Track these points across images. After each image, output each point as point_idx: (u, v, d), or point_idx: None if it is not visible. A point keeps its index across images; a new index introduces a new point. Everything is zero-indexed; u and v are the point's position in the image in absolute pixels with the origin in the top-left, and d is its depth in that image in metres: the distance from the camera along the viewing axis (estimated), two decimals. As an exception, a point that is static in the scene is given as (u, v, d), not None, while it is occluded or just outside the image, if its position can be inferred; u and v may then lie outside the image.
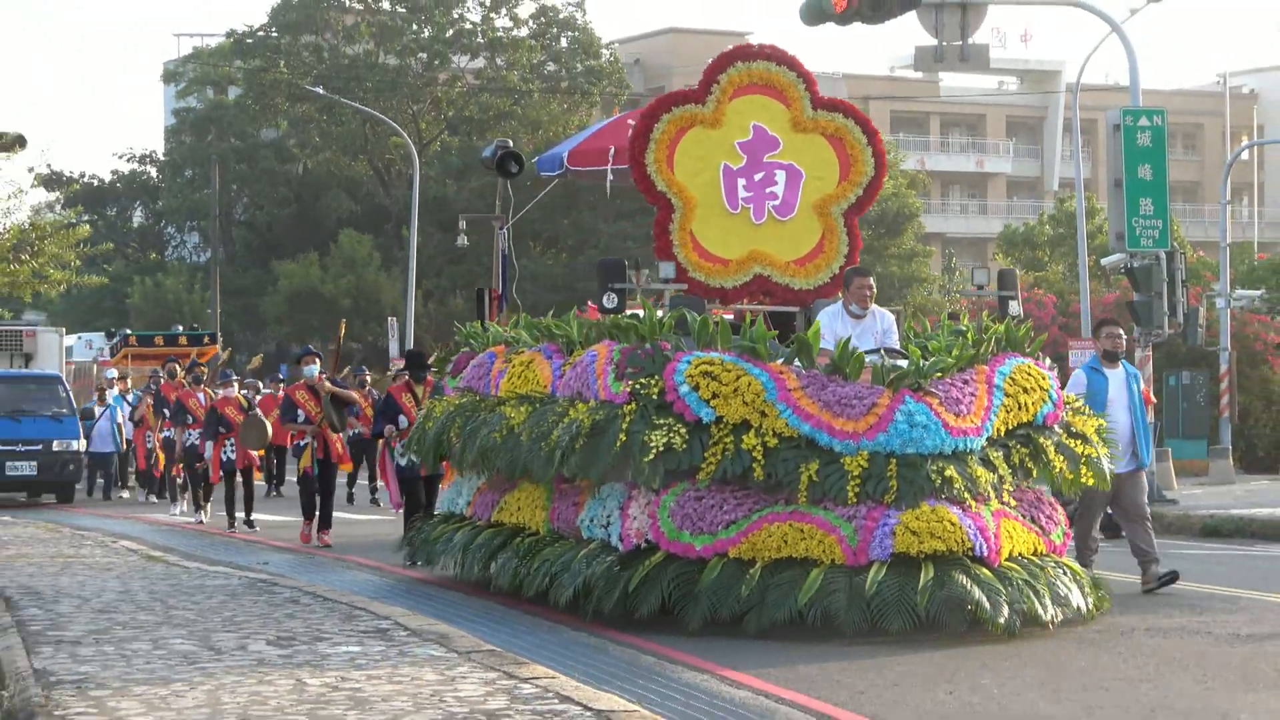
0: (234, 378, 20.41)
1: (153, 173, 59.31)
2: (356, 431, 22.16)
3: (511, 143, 19.20)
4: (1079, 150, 34.23)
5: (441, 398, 13.35)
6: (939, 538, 9.65)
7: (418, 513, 14.65)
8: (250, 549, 16.40)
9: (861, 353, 10.51)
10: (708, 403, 10.05)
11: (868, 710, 7.80)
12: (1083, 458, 10.69)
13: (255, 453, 18.92)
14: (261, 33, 53.59)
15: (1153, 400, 17.61)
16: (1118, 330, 12.64)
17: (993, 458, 10.20)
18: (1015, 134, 73.38)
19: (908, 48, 58.31)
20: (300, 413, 16.66)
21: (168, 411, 21.82)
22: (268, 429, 18.38)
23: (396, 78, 51.89)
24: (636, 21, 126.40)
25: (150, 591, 11.44)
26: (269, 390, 23.90)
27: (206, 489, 19.86)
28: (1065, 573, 10.33)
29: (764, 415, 10.01)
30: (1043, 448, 10.47)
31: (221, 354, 25.95)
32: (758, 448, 9.94)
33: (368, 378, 23.96)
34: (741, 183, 12.82)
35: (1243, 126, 71.90)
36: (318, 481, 16.56)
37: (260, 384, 24.58)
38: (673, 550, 10.02)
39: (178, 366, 23.35)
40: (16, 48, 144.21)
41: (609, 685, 8.02)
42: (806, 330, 11.16)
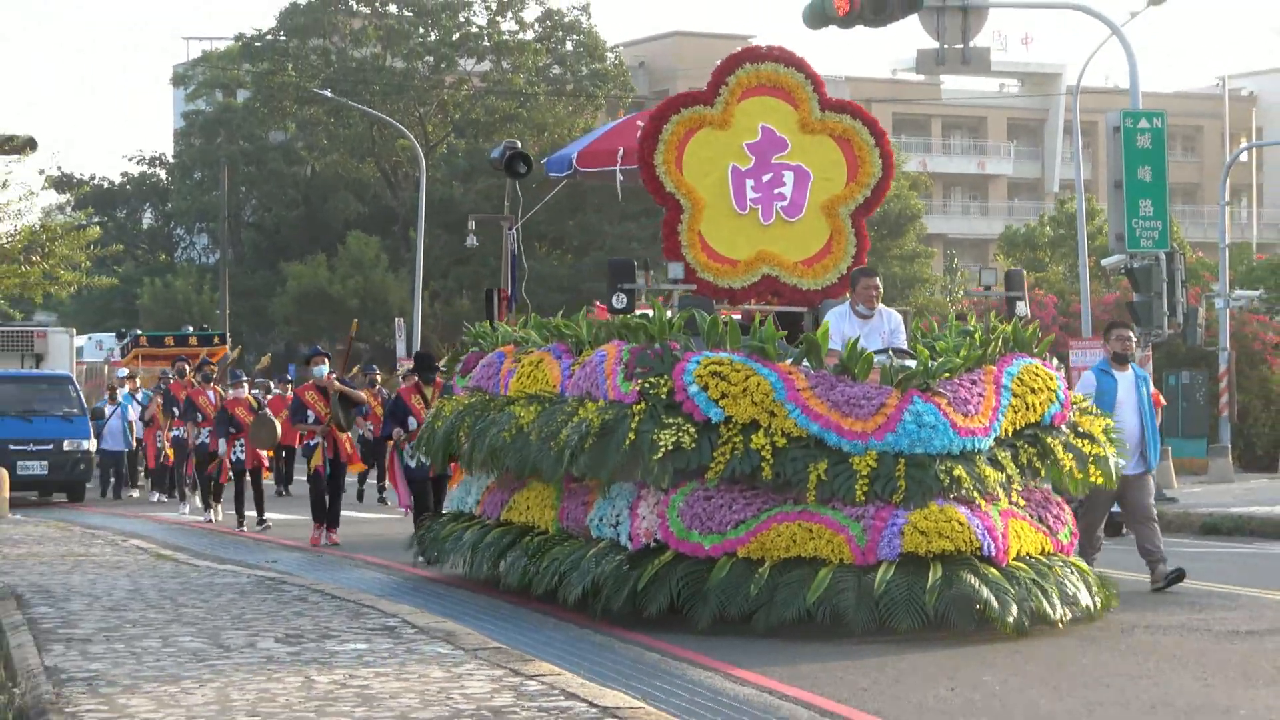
0: (244, 378, 20.49)
1: (162, 175, 59.42)
2: (364, 432, 22.23)
3: (520, 144, 19.23)
4: (1079, 152, 34.22)
5: (451, 397, 13.38)
6: (947, 537, 9.66)
7: (427, 512, 14.67)
8: (259, 548, 16.43)
9: (870, 353, 10.51)
10: (717, 402, 10.05)
11: (870, 707, 7.82)
12: (1090, 457, 10.70)
13: (264, 453, 19.00)
14: (270, 36, 53.68)
15: (1163, 403, 17.59)
16: (1128, 333, 12.60)
17: (1000, 458, 10.20)
18: (1016, 136, 73.38)
19: (910, 51, 58.23)
20: (310, 413, 16.70)
21: (177, 410, 21.90)
22: (277, 429, 18.43)
23: (403, 81, 51.93)
24: (641, 25, 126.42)
25: (160, 590, 11.47)
26: (277, 391, 23.97)
27: (217, 489, 19.91)
28: (1073, 572, 10.33)
29: (773, 415, 10.02)
30: (1050, 448, 10.47)
31: (232, 353, 26.05)
32: (766, 447, 9.95)
33: (377, 376, 24.01)
34: (750, 184, 12.85)
35: (1242, 129, 71.98)
36: (327, 481, 16.60)
37: (271, 383, 24.67)
38: (682, 549, 10.03)
39: (187, 366, 23.44)
40: (28, 52, 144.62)
41: (615, 682, 8.04)
42: (814, 330, 11.19)
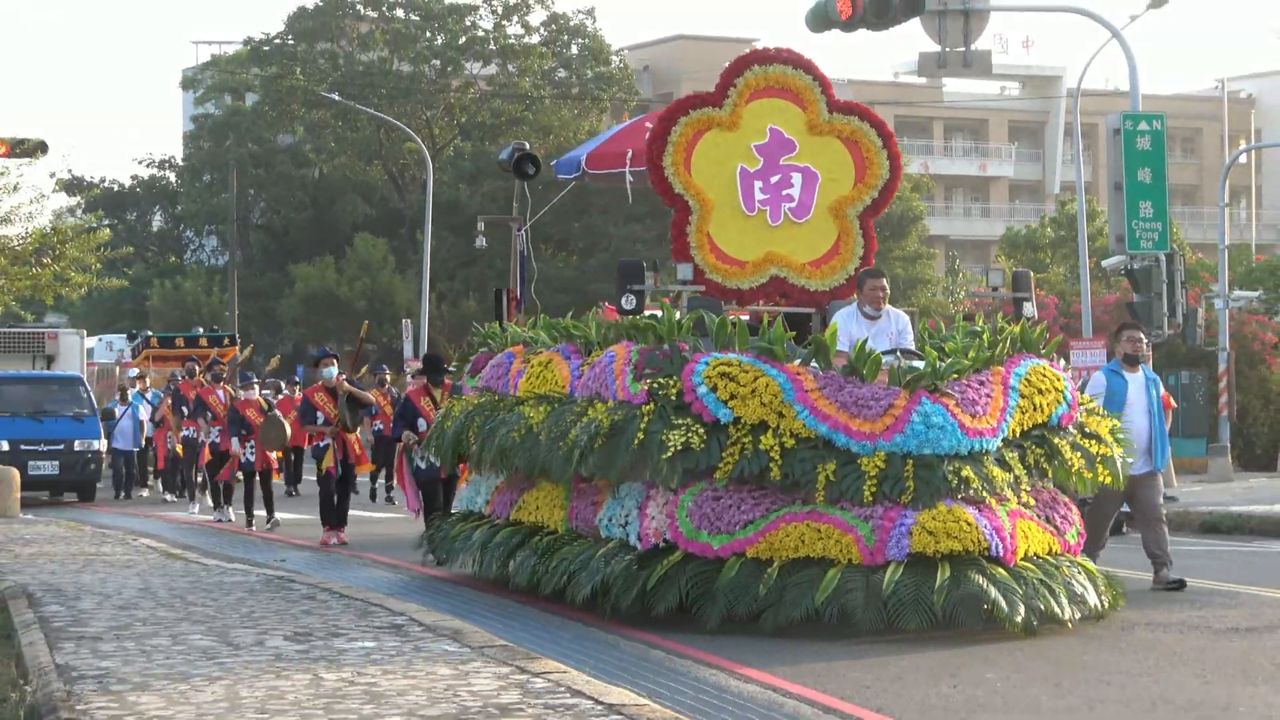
0: (255, 380, 20.54)
1: (172, 178, 59.54)
2: (376, 429, 22.27)
3: (528, 145, 19.25)
4: (1080, 154, 34.19)
5: (460, 397, 13.39)
6: (955, 538, 9.67)
7: (437, 512, 14.69)
8: (268, 547, 16.47)
9: (879, 354, 10.52)
10: (725, 403, 10.06)
11: (873, 704, 7.84)
12: (1098, 457, 10.71)
13: (274, 454, 19.05)
14: (278, 40, 53.77)
15: (1174, 405, 17.55)
16: (1138, 334, 12.57)
17: (1008, 458, 10.21)
18: (1017, 138, 73.42)
19: (911, 54, 58.30)
20: (319, 414, 16.74)
21: (186, 410, 21.94)
22: (286, 430, 18.48)
23: (410, 84, 52.03)
24: (645, 29, 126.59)
25: (170, 588, 11.52)
26: (286, 392, 24.02)
27: (226, 489, 19.97)
28: (1080, 572, 10.34)
29: (781, 416, 10.03)
30: (1058, 448, 10.48)
31: (244, 352, 26.10)
32: (775, 448, 9.95)
33: (386, 376, 24.04)
34: (758, 185, 12.85)
35: (1240, 131, 72.04)
36: (336, 482, 16.61)
37: (281, 384, 24.71)
38: (691, 549, 10.04)
39: (196, 366, 23.50)
40: (39, 56, 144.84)
41: (620, 680, 8.06)
42: (822, 331, 11.20)
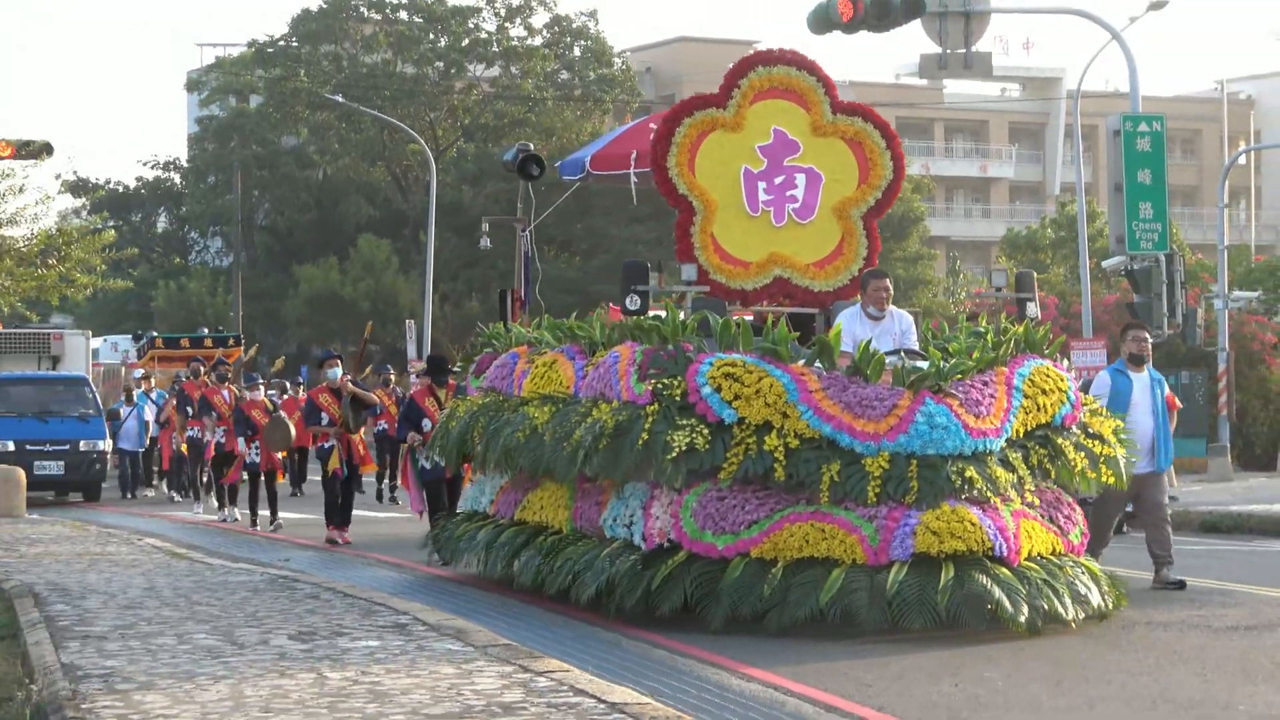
0: (260, 381, 20.57)
1: (176, 179, 59.66)
2: (380, 429, 22.30)
3: (532, 146, 19.28)
4: (1080, 155, 34.19)
5: (465, 398, 13.41)
6: (959, 538, 9.68)
7: (442, 512, 14.70)
8: (272, 546, 16.50)
9: (882, 355, 10.53)
10: (730, 404, 10.07)
11: (874, 702, 7.85)
12: (1101, 458, 10.71)
13: (279, 455, 19.08)
14: (282, 42, 53.86)
15: (1179, 405, 17.54)
16: (1144, 334, 12.55)
17: (1012, 458, 10.21)
18: (1018, 139, 73.47)
19: (912, 55, 58.26)
20: (323, 415, 16.77)
21: (191, 410, 21.97)
22: (291, 430, 18.50)
23: (414, 86, 52.09)
24: (648, 31, 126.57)
25: (175, 588, 11.53)
26: (291, 393, 24.04)
27: (231, 489, 20.01)
28: (1084, 572, 10.34)
29: (786, 416, 10.04)
30: (1061, 448, 10.48)
31: (248, 353, 26.12)
32: (779, 448, 9.96)
33: (391, 376, 24.07)
34: (762, 186, 12.85)
35: (1240, 132, 72.09)
36: (341, 483, 16.63)
37: (286, 384, 24.74)
38: (695, 550, 10.04)
39: (201, 366, 23.54)
40: (44, 57, 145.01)
41: (623, 679, 8.07)
42: (826, 332, 11.20)
